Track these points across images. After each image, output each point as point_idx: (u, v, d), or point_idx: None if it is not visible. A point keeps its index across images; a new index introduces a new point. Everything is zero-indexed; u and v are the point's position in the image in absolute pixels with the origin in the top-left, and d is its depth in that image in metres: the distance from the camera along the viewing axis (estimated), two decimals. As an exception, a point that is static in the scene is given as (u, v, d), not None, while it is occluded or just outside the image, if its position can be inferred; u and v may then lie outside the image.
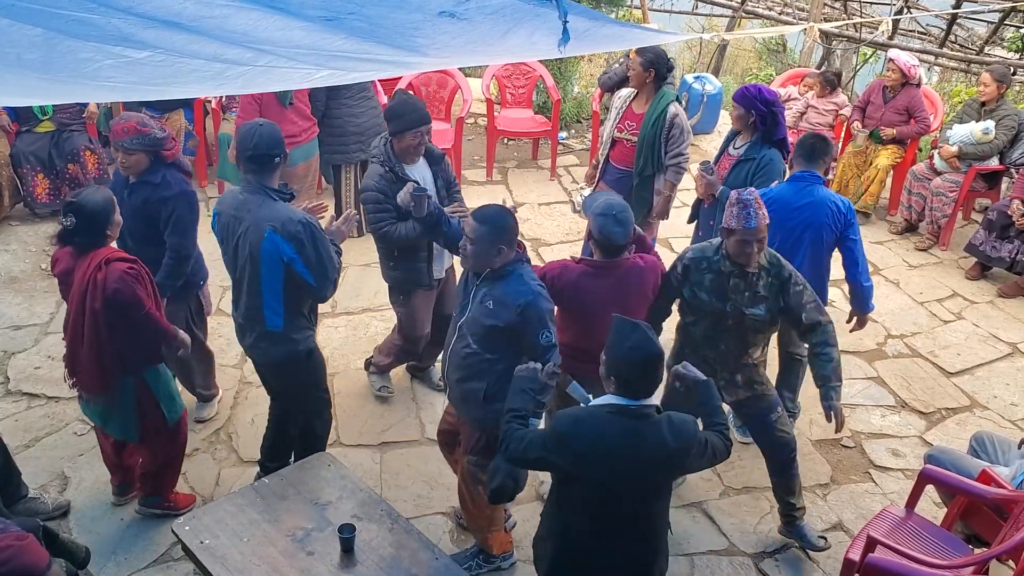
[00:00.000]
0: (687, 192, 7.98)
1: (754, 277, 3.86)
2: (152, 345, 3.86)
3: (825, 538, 4.30)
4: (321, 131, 6.35)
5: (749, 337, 3.97)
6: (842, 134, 7.80)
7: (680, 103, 5.47)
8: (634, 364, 2.84)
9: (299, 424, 4.21)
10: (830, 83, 7.72)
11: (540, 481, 4.52)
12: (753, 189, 3.83)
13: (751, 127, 4.91)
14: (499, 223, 3.51)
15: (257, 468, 4.50)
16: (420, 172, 4.50)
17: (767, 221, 3.79)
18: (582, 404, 3.04)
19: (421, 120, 4.37)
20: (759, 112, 4.82)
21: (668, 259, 6.87)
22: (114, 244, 3.93)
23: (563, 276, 3.87)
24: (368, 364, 5.20)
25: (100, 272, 3.62)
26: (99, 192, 3.78)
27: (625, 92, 5.62)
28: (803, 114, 7.80)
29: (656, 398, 2.94)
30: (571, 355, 3.74)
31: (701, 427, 3.02)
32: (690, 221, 5.35)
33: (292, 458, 4.17)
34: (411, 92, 5.65)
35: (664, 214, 5.58)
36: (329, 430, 4.40)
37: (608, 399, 2.90)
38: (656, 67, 5.30)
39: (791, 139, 5.34)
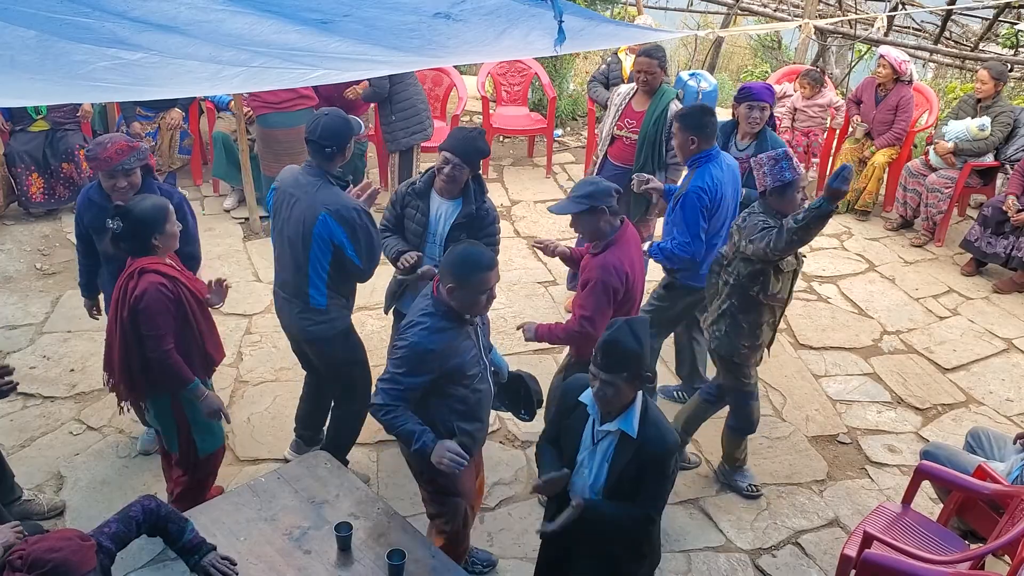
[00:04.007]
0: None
1: None
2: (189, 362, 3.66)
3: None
4: (393, 116, 6.37)
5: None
6: (836, 136, 7.82)
7: (677, 100, 5.49)
8: (650, 366, 3.01)
9: (334, 396, 4.43)
10: (815, 80, 7.65)
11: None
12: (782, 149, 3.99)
13: (763, 123, 5.01)
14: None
15: (254, 466, 4.52)
16: (440, 207, 4.18)
17: None
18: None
19: (451, 148, 4.03)
20: (769, 102, 4.97)
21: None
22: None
23: (623, 262, 3.87)
24: None
25: (132, 281, 3.51)
26: (152, 200, 3.58)
27: (624, 89, 5.63)
28: (794, 116, 7.78)
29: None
30: None
31: None
32: None
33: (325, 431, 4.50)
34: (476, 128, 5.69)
35: (664, 212, 5.60)
36: (365, 409, 4.34)
37: (641, 396, 3.00)
38: (666, 64, 5.40)
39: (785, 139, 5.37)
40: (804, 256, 4.26)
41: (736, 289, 4.10)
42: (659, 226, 5.77)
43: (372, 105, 6.68)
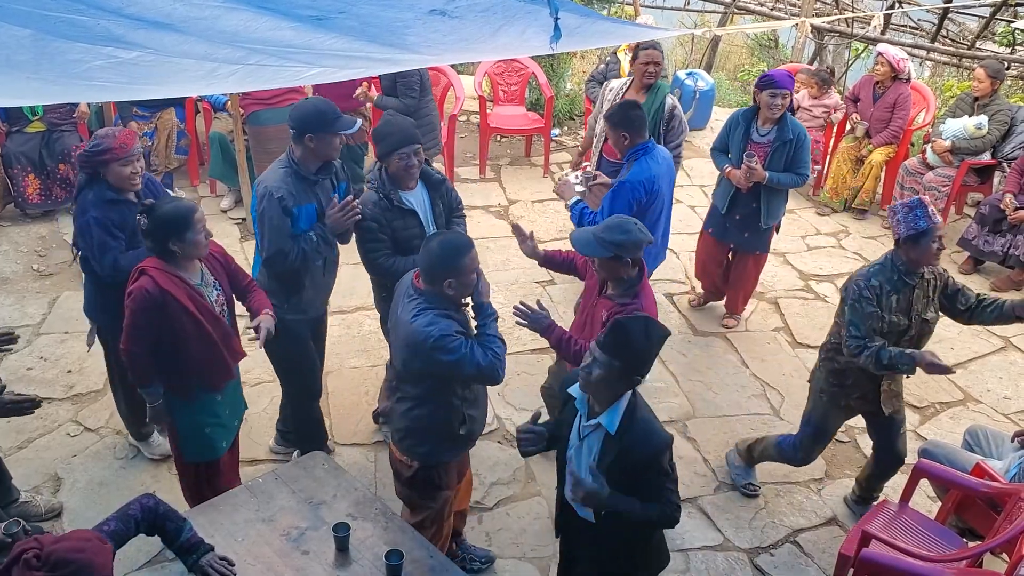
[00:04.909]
0: (678, 188, 8.00)
1: (927, 281, 3.88)
2: (179, 372, 3.63)
3: None
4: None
5: (921, 343, 3.99)
6: (833, 134, 7.83)
7: (674, 97, 5.55)
8: (659, 347, 2.91)
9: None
10: (824, 80, 7.71)
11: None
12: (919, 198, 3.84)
13: (784, 110, 5.19)
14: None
15: (252, 467, 4.52)
16: (417, 197, 4.18)
17: None
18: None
19: (404, 141, 4.01)
20: (791, 89, 5.18)
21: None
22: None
23: (653, 314, 3.74)
24: (376, 416, 4.95)
25: (134, 276, 3.49)
26: (179, 204, 3.53)
27: (616, 84, 5.69)
28: (795, 113, 7.80)
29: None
30: None
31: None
32: (725, 212, 5.54)
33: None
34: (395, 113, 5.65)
35: None
36: (309, 423, 4.46)
37: (629, 392, 2.93)
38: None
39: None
40: (926, 318, 3.93)
41: (836, 328, 4.10)
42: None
43: (370, 105, 6.64)
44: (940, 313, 3.98)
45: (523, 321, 3.81)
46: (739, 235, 5.57)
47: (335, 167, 4.12)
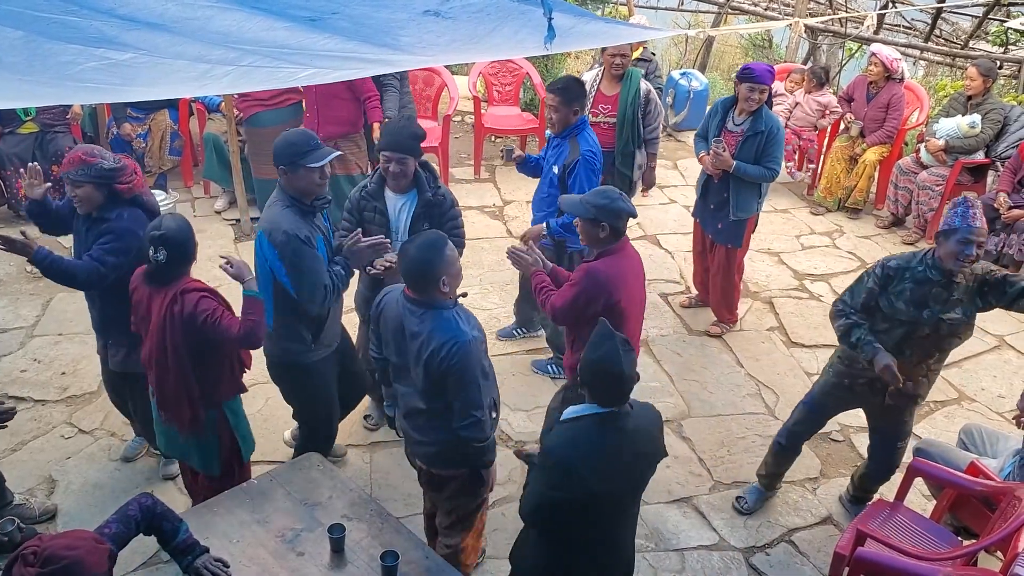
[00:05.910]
0: (673, 188, 8.05)
1: (955, 283, 3.75)
2: (232, 370, 3.72)
3: None
4: None
5: (944, 344, 3.90)
6: (827, 133, 7.84)
7: (647, 83, 5.78)
8: (599, 376, 2.88)
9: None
10: (818, 78, 7.74)
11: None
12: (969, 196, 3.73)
13: (761, 103, 5.26)
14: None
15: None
16: (398, 202, 4.19)
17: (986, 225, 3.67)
18: None
19: (387, 145, 4.05)
20: (770, 84, 5.24)
21: (658, 255, 6.91)
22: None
23: (609, 276, 3.73)
24: (367, 417, 4.97)
25: (176, 305, 3.48)
26: (178, 219, 3.58)
27: (589, 76, 5.84)
28: (792, 111, 7.82)
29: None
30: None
31: None
32: (700, 198, 5.67)
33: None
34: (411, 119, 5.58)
35: (652, 184, 6.02)
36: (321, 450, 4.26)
37: (591, 408, 2.93)
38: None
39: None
40: (944, 318, 3.76)
41: None
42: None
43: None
44: (970, 317, 3.81)
45: (516, 262, 4.07)
46: (713, 225, 5.63)
47: (327, 199, 3.94)
